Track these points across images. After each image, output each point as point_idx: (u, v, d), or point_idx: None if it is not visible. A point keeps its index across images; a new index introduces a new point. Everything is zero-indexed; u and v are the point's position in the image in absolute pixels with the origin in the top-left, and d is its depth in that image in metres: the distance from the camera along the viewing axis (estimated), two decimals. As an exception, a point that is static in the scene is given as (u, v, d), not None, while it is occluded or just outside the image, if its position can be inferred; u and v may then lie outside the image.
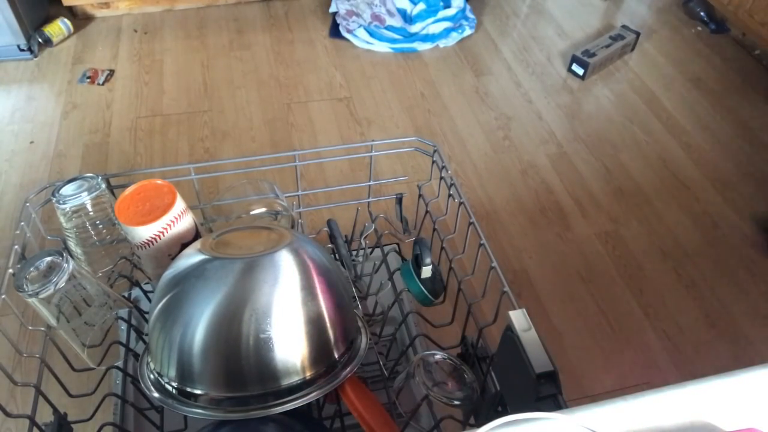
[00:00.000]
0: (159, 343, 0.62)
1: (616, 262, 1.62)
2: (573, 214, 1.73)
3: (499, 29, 2.44)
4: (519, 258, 1.61)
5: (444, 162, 0.83)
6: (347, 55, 2.25)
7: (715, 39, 2.43)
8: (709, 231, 1.72)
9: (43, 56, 2.16)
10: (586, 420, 0.45)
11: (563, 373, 0.58)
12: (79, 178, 0.76)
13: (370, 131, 1.94)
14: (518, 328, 0.62)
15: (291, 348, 0.60)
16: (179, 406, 0.60)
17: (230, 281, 0.60)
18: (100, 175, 0.77)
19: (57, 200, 0.72)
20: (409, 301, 0.94)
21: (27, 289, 0.61)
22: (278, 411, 0.59)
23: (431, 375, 0.71)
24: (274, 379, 0.60)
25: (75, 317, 0.66)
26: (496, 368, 0.72)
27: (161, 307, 0.62)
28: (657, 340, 1.46)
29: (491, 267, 0.71)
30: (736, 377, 0.52)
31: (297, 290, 0.61)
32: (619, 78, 2.24)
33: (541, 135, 1.98)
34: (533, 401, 0.58)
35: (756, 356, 1.44)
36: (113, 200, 0.77)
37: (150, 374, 0.64)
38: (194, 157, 1.83)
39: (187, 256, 0.65)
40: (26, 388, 0.63)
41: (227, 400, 0.60)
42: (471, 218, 0.76)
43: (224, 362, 0.59)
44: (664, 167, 1.90)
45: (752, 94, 2.18)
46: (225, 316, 0.59)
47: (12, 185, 1.72)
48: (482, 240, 0.74)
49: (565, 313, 1.50)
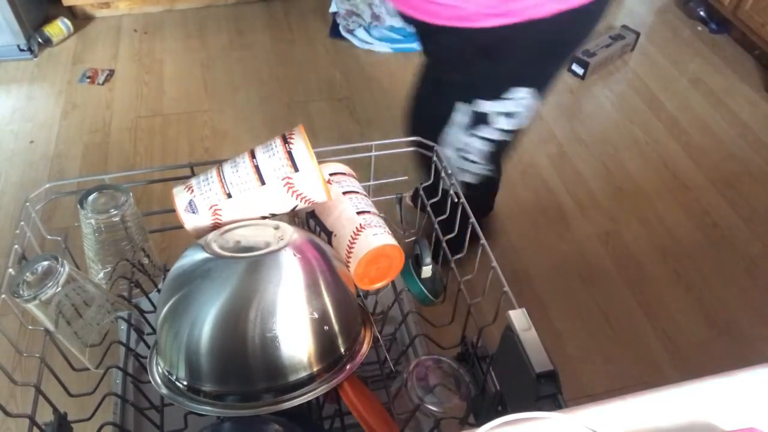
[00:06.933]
0: (167, 344, 0.62)
1: (616, 262, 1.62)
2: (573, 214, 1.73)
3: (499, 29, 2.44)
4: (519, 258, 1.61)
5: (444, 162, 0.83)
6: (347, 55, 2.25)
7: (715, 39, 2.43)
8: (709, 231, 1.72)
9: (43, 56, 2.16)
10: (586, 420, 0.45)
11: (563, 373, 0.58)
12: (110, 189, 0.75)
13: (370, 131, 1.94)
14: (518, 328, 0.62)
15: (297, 345, 0.60)
16: (189, 404, 0.61)
17: (235, 281, 0.60)
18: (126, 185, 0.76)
19: (86, 211, 0.72)
20: (409, 301, 0.94)
21: (23, 294, 0.60)
22: (286, 407, 0.60)
23: (425, 382, 0.71)
24: (281, 375, 0.60)
25: (74, 320, 0.66)
26: (496, 368, 0.72)
27: (169, 308, 0.62)
28: (657, 340, 1.46)
29: (491, 267, 0.71)
30: (735, 377, 0.52)
31: (301, 289, 0.61)
32: (619, 78, 2.24)
33: (541, 135, 1.98)
34: (533, 401, 0.58)
35: (756, 356, 1.44)
36: (139, 214, 0.77)
37: (159, 372, 0.65)
38: (194, 156, 1.83)
39: (192, 255, 0.65)
40: (26, 388, 0.63)
41: (235, 397, 0.61)
42: (471, 218, 0.76)
43: (232, 361, 0.60)
44: (664, 167, 1.90)
45: (752, 94, 2.18)
46: (231, 316, 0.59)
47: (12, 185, 1.72)
48: (482, 240, 0.74)
49: (565, 313, 1.50)
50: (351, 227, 0.71)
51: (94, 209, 0.73)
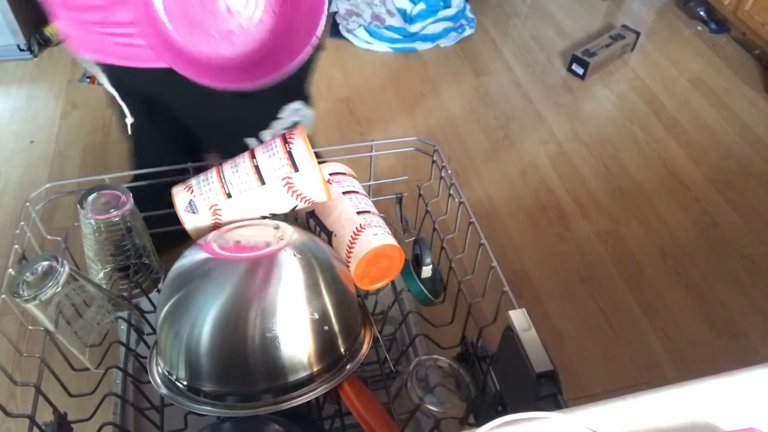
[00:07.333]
0: (167, 344, 0.62)
1: (616, 262, 1.62)
2: (573, 214, 1.73)
3: (499, 29, 2.44)
4: (519, 258, 1.61)
5: (444, 162, 0.83)
6: (347, 55, 2.25)
7: (715, 39, 2.43)
8: (709, 231, 1.72)
9: (43, 56, 2.16)
10: (586, 420, 0.45)
11: (563, 373, 0.58)
12: (110, 189, 0.74)
13: (370, 131, 1.94)
14: (518, 328, 0.62)
15: (297, 346, 0.60)
16: (189, 404, 0.61)
17: (234, 282, 0.60)
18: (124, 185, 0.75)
19: (86, 212, 0.71)
20: (409, 301, 0.94)
21: (23, 294, 0.60)
22: (286, 407, 0.60)
23: (425, 382, 0.71)
24: (281, 376, 0.60)
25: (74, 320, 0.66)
26: (496, 368, 0.72)
27: (169, 308, 0.62)
28: (657, 340, 1.46)
29: (491, 267, 0.71)
30: (735, 377, 0.52)
31: (301, 289, 0.61)
32: (619, 78, 2.24)
33: (541, 135, 1.98)
34: (533, 401, 0.58)
35: (756, 356, 1.44)
36: (139, 214, 0.76)
37: (159, 372, 0.65)
38: (194, 157, 1.82)
39: (192, 256, 0.65)
40: (26, 388, 0.63)
41: (235, 397, 0.61)
42: (471, 218, 0.76)
43: (232, 361, 0.60)
44: (664, 167, 1.90)
45: (752, 94, 2.18)
46: (231, 316, 0.59)
47: (12, 185, 1.72)
48: (482, 240, 0.74)
49: (565, 313, 1.50)
50: (351, 227, 0.71)
51: (94, 209, 0.73)
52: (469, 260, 0.76)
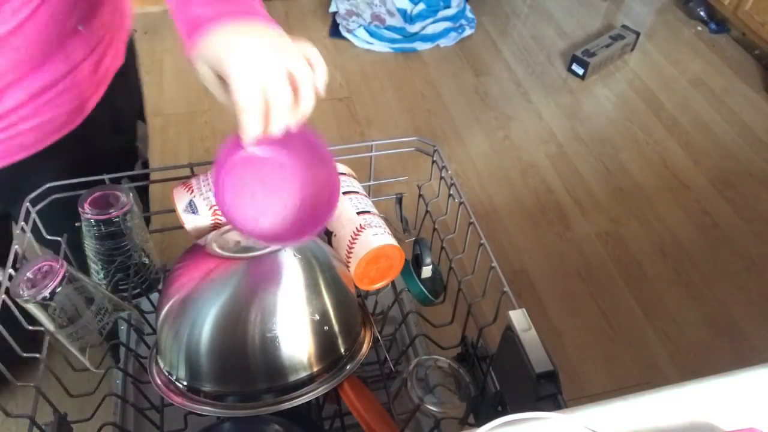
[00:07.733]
0: (167, 344, 0.62)
1: (616, 262, 1.62)
2: (573, 214, 1.73)
3: (499, 29, 2.44)
4: (519, 258, 1.61)
5: (444, 162, 0.83)
6: (347, 55, 2.25)
7: (715, 39, 2.43)
8: (709, 231, 1.72)
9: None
10: (586, 420, 0.45)
11: (563, 373, 0.58)
12: (110, 189, 0.74)
13: (370, 131, 1.94)
14: (518, 328, 0.62)
15: (297, 346, 0.60)
16: (189, 404, 0.61)
17: (234, 282, 0.60)
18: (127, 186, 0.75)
19: (86, 215, 0.71)
20: (409, 301, 0.94)
21: (23, 294, 0.61)
22: (286, 407, 0.60)
23: (425, 382, 0.71)
24: (281, 376, 0.60)
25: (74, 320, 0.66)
26: (496, 368, 0.72)
27: (169, 308, 0.62)
28: (657, 340, 1.46)
29: (491, 267, 0.71)
30: (735, 377, 0.52)
31: (301, 289, 0.61)
32: (619, 78, 2.24)
33: (541, 135, 1.98)
34: (533, 401, 0.58)
35: (756, 356, 1.44)
36: (139, 214, 0.76)
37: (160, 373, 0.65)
38: (194, 157, 1.82)
39: (192, 256, 0.65)
40: (26, 388, 0.63)
41: (236, 397, 0.61)
42: (471, 218, 0.76)
43: (232, 362, 0.60)
44: (664, 167, 1.90)
45: (752, 94, 2.18)
46: (231, 316, 0.59)
47: (12, 185, 1.72)
48: (482, 240, 0.74)
49: (565, 313, 1.50)
50: (351, 227, 0.71)
51: (94, 209, 0.73)
52: (469, 260, 0.76)
